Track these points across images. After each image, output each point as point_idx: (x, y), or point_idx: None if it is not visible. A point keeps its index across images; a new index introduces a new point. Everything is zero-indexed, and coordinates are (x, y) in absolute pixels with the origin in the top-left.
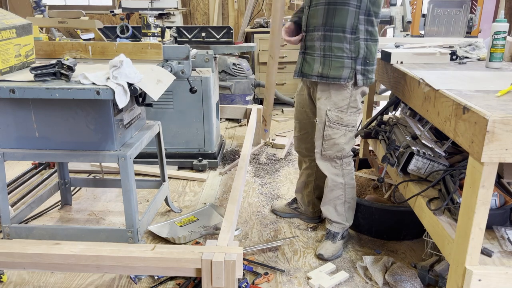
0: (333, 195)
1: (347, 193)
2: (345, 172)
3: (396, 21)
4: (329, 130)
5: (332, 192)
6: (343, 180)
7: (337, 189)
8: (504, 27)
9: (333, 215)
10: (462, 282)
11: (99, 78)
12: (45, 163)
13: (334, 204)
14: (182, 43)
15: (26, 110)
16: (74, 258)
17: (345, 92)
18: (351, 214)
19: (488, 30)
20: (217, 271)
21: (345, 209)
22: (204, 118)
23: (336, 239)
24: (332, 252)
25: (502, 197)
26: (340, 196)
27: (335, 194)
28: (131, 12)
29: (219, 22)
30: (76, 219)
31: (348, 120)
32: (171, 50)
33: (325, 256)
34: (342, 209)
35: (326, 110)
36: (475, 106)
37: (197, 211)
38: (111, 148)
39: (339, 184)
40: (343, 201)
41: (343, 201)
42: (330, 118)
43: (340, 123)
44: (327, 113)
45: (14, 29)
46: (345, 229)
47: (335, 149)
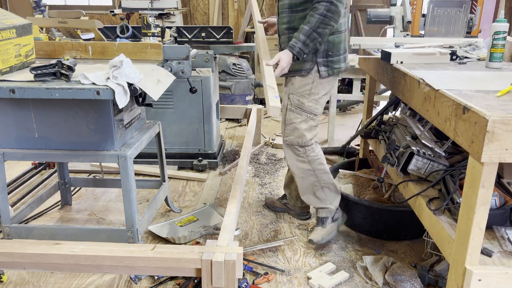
0: (306, 183)
1: (320, 178)
2: (310, 159)
3: (396, 21)
4: (290, 114)
5: (304, 180)
6: (310, 166)
7: (308, 176)
8: (504, 27)
9: (315, 202)
10: (462, 282)
11: (99, 78)
12: (45, 163)
13: (312, 191)
14: (182, 43)
15: (26, 110)
16: (74, 258)
17: (307, 79)
18: (333, 196)
19: (488, 30)
20: (217, 271)
21: (325, 193)
22: (204, 118)
23: (326, 223)
24: (321, 236)
25: (502, 197)
26: (314, 182)
27: (308, 182)
28: (131, 12)
29: (219, 22)
30: (76, 219)
31: (309, 106)
32: (171, 50)
33: (314, 241)
34: (322, 194)
35: (288, 94)
36: (475, 106)
37: (197, 211)
38: (111, 148)
39: (308, 171)
40: (320, 187)
41: (320, 186)
42: (291, 101)
43: (300, 108)
44: (289, 97)
45: (14, 29)
46: (333, 212)
47: (296, 135)
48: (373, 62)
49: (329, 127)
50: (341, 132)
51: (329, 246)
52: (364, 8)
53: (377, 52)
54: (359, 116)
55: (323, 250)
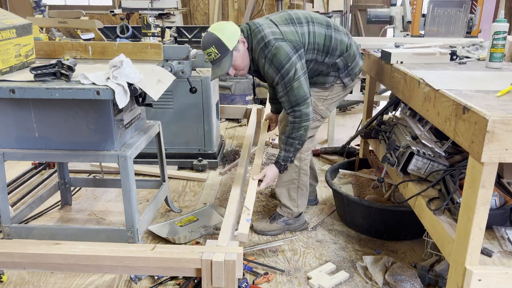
0: (287, 177)
1: (301, 178)
2: (302, 157)
3: (396, 21)
4: None
5: (287, 173)
6: (299, 163)
7: (292, 171)
8: (504, 27)
9: (284, 198)
10: (462, 282)
11: (99, 78)
12: (45, 163)
13: (288, 187)
14: (182, 43)
15: (26, 110)
16: (74, 258)
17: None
18: (303, 201)
19: (488, 30)
20: (217, 271)
21: (298, 195)
22: (204, 118)
23: (275, 221)
24: (262, 227)
25: (502, 197)
26: (294, 180)
27: (289, 177)
28: (131, 12)
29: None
30: (76, 219)
31: (321, 110)
32: (171, 50)
33: (254, 227)
34: (295, 194)
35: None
36: (475, 106)
37: (197, 211)
38: (111, 148)
39: (294, 167)
40: (297, 186)
41: (296, 186)
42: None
43: (314, 110)
44: None
45: (14, 29)
46: (291, 216)
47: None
48: (373, 62)
49: (329, 127)
50: (341, 132)
51: (329, 246)
52: (364, 8)
53: (377, 52)
54: (359, 116)
55: (323, 250)
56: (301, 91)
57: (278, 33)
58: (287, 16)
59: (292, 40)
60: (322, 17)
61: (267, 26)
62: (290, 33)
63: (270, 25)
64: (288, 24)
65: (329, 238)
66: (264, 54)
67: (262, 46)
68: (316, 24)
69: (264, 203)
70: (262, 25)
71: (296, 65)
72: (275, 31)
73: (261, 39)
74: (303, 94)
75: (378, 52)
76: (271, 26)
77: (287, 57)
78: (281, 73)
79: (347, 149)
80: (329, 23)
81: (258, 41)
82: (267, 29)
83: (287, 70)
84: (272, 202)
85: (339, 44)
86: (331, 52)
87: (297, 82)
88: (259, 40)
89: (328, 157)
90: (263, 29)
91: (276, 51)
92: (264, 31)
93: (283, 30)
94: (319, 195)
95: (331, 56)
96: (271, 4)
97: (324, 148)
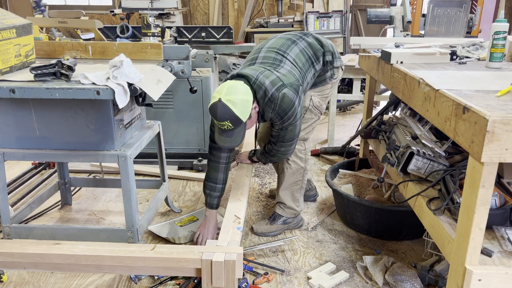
0: (293, 179)
1: (304, 178)
2: (306, 158)
3: (396, 21)
4: (309, 114)
5: (293, 176)
6: (304, 164)
7: (298, 174)
8: (504, 27)
9: (289, 201)
10: (462, 282)
11: (99, 78)
12: (45, 163)
13: (292, 189)
14: (182, 43)
15: (26, 110)
16: (74, 258)
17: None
18: (302, 199)
19: (488, 30)
20: (217, 271)
21: (300, 194)
22: (204, 118)
23: (276, 221)
24: (263, 229)
25: (502, 197)
26: (298, 181)
27: (295, 179)
28: (131, 12)
29: (219, 22)
30: (76, 219)
31: (323, 108)
32: (171, 50)
33: (254, 230)
34: (298, 194)
35: (311, 95)
36: (475, 106)
37: (197, 211)
38: (111, 148)
39: (300, 169)
40: (301, 187)
41: (300, 186)
42: (313, 102)
43: (318, 108)
44: (311, 98)
45: (14, 29)
46: (293, 216)
47: (305, 132)
48: (373, 62)
49: (329, 127)
50: (341, 132)
51: (329, 246)
52: (364, 8)
53: (377, 52)
54: (359, 116)
55: (323, 250)
56: (292, 133)
57: (277, 79)
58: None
59: (292, 83)
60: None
61: (264, 76)
62: (286, 75)
63: (267, 74)
64: (277, 67)
65: (329, 238)
66: (270, 108)
67: (267, 101)
68: (287, 50)
69: (264, 203)
70: (259, 78)
71: (297, 108)
72: (274, 79)
73: (264, 95)
74: (293, 136)
75: (378, 52)
76: (268, 74)
77: (291, 104)
78: (283, 119)
79: (347, 149)
80: (290, 39)
81: (261, 96)
82: (266, 81)
83: (289, 116)
84: (272, 202)
85: (312, 48)
86: (314, 59)
87: (293, 126)
88: (262, 95)
89: (328, 157)
90: (262, 82)
91: (280, 101)
92: (264, 84)
93: (279, 74)
94: (319, 195)
95: (317, 61)
96: (271, 4)
97: (324, 148)
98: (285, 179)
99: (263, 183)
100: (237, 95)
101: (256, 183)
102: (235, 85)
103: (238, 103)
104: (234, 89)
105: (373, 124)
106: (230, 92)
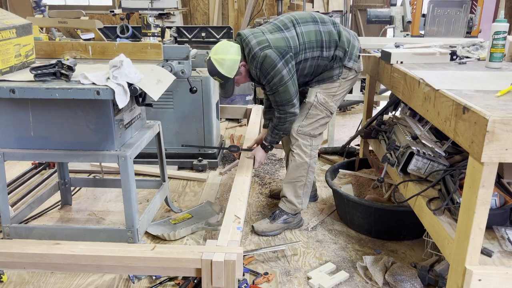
0: (296, 173)
1: (308, 175)
2: (312, 154)
3: (396, 21)
4: (314, 110)
5: (296, 170)
6: (309, 160)
7: (302, 168)
8: (504, 27)
9: (290, 195)
10: (462, 282)
11: (99, 78)
12: (45, 163)
13: (295, 184)
14: (182, 43)
15: (26, 110)
16: (74, 258)
17: (334, 83)
18: (306, 199)
19: (488, 30)
20: (217, 271)
21: (304, 191)
22: (204, 118)
23: (276, 221)
24: (264, 228)
25: (502, 197)
26: (302, 177)
27: (298, 173)
28: (131, 12)
29: (219, 22)
30: (76, 219)
31: (331, 106)
32: (171, 50)
33: (254, 229)
34: (301, 191)
35: (316, 92)
36: (475, 106)
37: (192, 209)
38: (111, 148)
39: (305, 164)
40: (304, 184)
41: (304, 183)
42: (318, 99)
43: (324, 106)
44: (316, 94)
45: (14, 29)
46: (293, 213)
47: (312, 127)
48: (373, 62)
49: (329, 127)
50: (341, 132)
51: (329, 246)
52: (364, 8)
53: (377, 52)
54: (359, 116)
55: (323, 250)
56: (287, 94)
57: (265, 41)
58: (274, 25)
59: (278, 47)
60: (306, 13)
61: (254, 37)
62: (277, 39)
63: (257, 35)
64: (275, 32)
65: (329, 238)
66: (253, 66)
67: (251, 58)
68: (302, 24)
69: (264, 203)
70: (248, 37)
71: (282, 71)
72: (261, 40)
73: (249, 52)
74: (289, 97)
75: (378, 52)
76: (258, 36)
77: (273, 65)
78: (267, 79)
79: (347, 149)
80: (314, 18)
81: (247, 53)
82: (253, 40)
83: (272, 76)
84: (272, 202)
85: (330, 36)
86: (326, 45)
87: (283, 87)
88: (247, 53)
89: (328, 157)
90: (249, 41)
91: (262, 59)
92: (251, 42)
93: (269, 37)
94: (319, 196)
95: (328, 49)
96: (271, 4)
97: (324, 148)
98: (288, 172)
99: (263, 183)
100: (225, 55)
101: (256, 183)
102: (226, 46)
103: (224, 63)
104: (223, 49)
105: (373, 124)
106: (219, 52)
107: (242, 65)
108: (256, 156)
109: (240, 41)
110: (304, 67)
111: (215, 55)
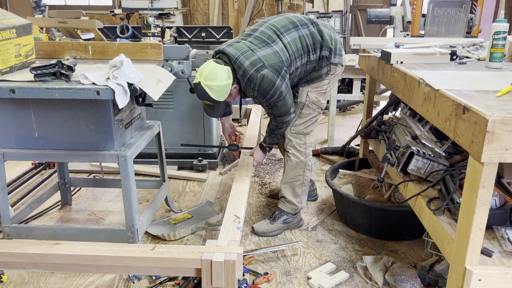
0: (293, 173)
1: (305, 174)
2: (307, 152)
3: (396, 21)
4: (307, 109)
5: (293, 170)
6: (304, 159)
7: (298, 168)
8: (504, 27)
9: (289, 195)
10: (462, 282)
11: (99, 78)
12: (45, 163)
13: (293, 184)
14: (182, 43)
15: (26, 110)
16: (74, 258)
17: (324, 81)
18: (305, 197)
19: (488, 30)
20: (217, 271)
21: (302, 190)
22: (204, 118)
23: (276, 221)
24: (264, 229)
25: (502, 197)
26: (299, 176)
27: (295, 173)
28: (131, 12)
29: (219, 22)
30: (76, 219)
31: (322, 103)
32: (171, 50)
33: (255, 230)
34: (299, 190)
35: (307, 91)
36: (475, 106)
37: (192, 209)
38: (111, 148)
39: (301, 163)
40: (301, 182)
41: (301, 182)
42: (310, 98)
43: (316, 104)
44: (308, 94)
45: (14, 29)
46: (292, 213)
47: (305, 126)
48: (373, 62)
49: (329, 127)
50: (341, 132)
51: (329, 246)
52: (364, 8)
53: (377, 52)
54: (359, 116)
55: (323, 250)
56: (285, 107)
57: (258, 60)
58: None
59: (273, 64)
60: (282, 19)
61: (245, 57)
62: (269, 56)
63: (248, 55)
64: (263, 47)
65: (329, 238)
66: (250, 88)
67: (246, 81)
68: (285, 33)
69: (264, 203)
70: (239, 58)
71: (281, 87)
72: (254, 60)
73: (243, 75)
74: (286, 109)
75: (378, 52)
76: (249, 55)
77: (271, 84)
78: (266, 98)
79: (347, 149)
80: (293, 22)
81: (241, 76)
82: (245, 62)
83: (272, 95)
84: (272, 202)
85: (313, 38)
86: (311, 49)
87: (281, 102)
88: (241, 75)
89: (328, 157)
90: (241, 62)
91: (259, 81)
92: (244, 64)
93: (261, 55)
94: (319, 195)
95: (314, 52)
96: (271, 4)
97: (324, 148)
98: (285, 172)
99: (263, 183)
100: (215, 81)
101: (256, 183)
102: (215, 70)
103: (215, 89)
104: (213, 74)
105: (373, 124)
106: (209, 77)
107: (234, 88)
108: (255, 157)
109: (230, 62)
110: (295, 75)
111: (205, 80)
